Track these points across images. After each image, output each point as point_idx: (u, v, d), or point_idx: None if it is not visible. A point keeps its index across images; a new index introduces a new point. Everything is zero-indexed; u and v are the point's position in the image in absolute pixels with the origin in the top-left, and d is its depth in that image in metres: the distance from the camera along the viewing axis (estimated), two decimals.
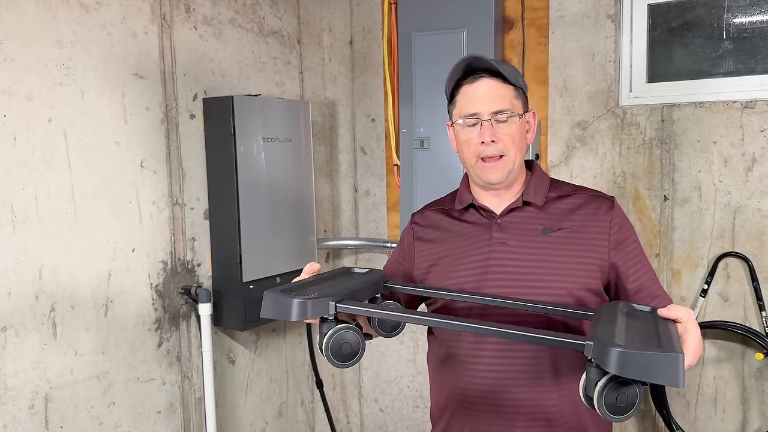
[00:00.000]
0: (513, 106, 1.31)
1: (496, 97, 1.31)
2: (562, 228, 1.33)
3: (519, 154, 1.33)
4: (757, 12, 2.10)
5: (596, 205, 1.35)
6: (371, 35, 2.82)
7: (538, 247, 1.32)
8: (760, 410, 2.17)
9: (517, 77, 1.34)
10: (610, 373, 0.91)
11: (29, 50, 1.85)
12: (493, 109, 1.30)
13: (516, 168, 1.34)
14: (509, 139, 1.31)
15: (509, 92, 1.32)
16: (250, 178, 2.32)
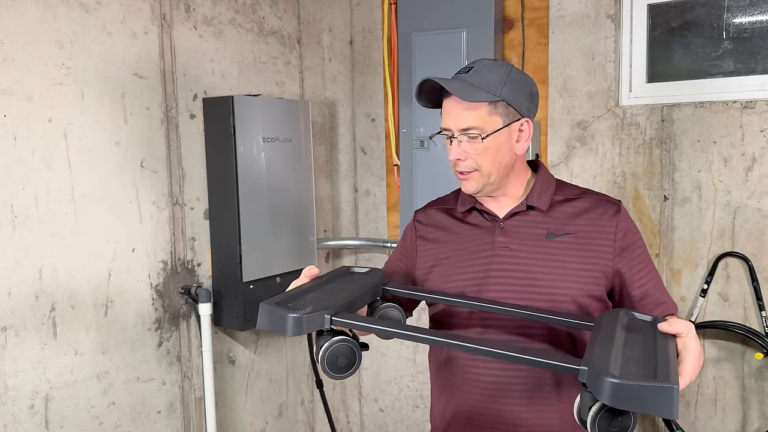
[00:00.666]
0: (483, 123, 1.27)
1: (463, 114, 1.28)
2: (567, 233, 1.32)
3: (496, 167, 1.30)
4: (756, 12, 2.10)
5: (602, 210, 1.33)
6: (371, 35, 2.82)
7: (541, 252, 1.31)
8: (759, 410, 2.17)
9: (497, 88, 1.28)
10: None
11: (29, 50, 1.85)
12: (461, 126, 1.29)
13: (496, 179, 1.32)
14: (481, 157, 1.29)
15: (482, 108, 1.27)
16: (250, 178, 2.32)
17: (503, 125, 1.29)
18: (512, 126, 1.30)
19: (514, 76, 1.31)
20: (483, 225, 1.37)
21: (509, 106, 1.29)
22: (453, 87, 1.27)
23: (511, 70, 1.32)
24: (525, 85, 1.33)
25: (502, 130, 1.29)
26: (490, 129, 1.28)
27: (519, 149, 1.33)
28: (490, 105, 1.28)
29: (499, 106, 1.28)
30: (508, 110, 1.29)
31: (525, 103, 1.32)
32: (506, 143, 1.30)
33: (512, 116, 1.30)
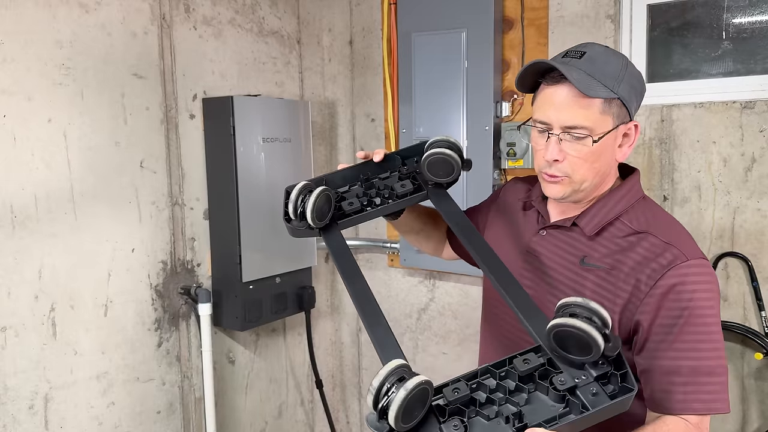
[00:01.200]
0: (594, 123, 1.11)
1: (573, 109, 1.11)
2: (603, 265, 1.16)
3: (591, 174, 1.15)
4: (756, 12, 2.10)
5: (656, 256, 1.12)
6: (371, 35, 2.82)
7: (566, 276, 1.19)
8: (759, 410, 2.17)
9: (615, 83, 1.11)
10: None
11: (29, 50, 1.85)
12: (566, 123, 1.12)
13: (588, 188, 1.17)
14: (579, 161, 1.13)
15: (595, 105, 1.10)
16: (250, 178, 2.32)
17: (613, 127, 1.13)
18: (619, 129, 1.14)
19: (632, 70, 1.14)
20: (530, 225, 1.29)
21: (623, 106, 1.13)
22: (574, 76, 1.08)
23: (628, 63, 1.15)
24: (639, 82, 1.16)
25: (611, 132, 1.13)
26: (600, 130, 1.11)
27: (621, 155, 1.17)
28: (604, 102, 1.11)
29: (614, 104, 1.12)
30: (621, 111, 1.13)
31: (635, 103, 1.16)
32: (610, 148, 1.15)
33: (623, 117, 1.14)
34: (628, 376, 0.92)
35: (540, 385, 0.95)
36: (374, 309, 1.06)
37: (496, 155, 2.42)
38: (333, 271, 3.03)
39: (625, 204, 1.19)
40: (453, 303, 2.74)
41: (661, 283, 1.10)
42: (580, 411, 0.90)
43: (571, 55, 1.14)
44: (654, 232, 1.15)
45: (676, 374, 1.09)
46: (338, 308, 3.06)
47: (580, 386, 0.92)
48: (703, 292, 1.10)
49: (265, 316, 2.44)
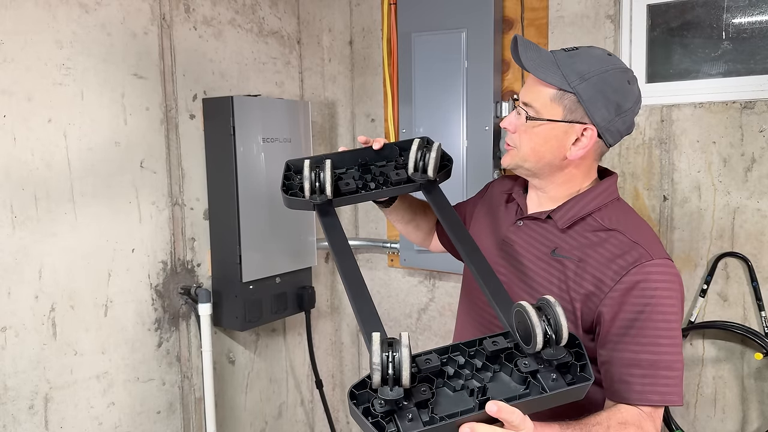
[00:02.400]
0: (542, 107, 1.19)
1: (531, 86, 1.22)
2: (572, 256, 1.21)
3: (534, 156, 1.23)
4: (756, 12, 2.10)
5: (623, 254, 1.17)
6: (371, 35, 2.82)
7: (536, 265, 1.25)
8: (759, 410, 2.17)
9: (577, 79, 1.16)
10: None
11: (29, 50, 1.85)
12: (522, 98, 1.23)
13: (532, 168, 1.25)
14: (523, 137, 1.22)
15: (547, 92, 1.19)
16: (250, 178, 2.32)
17: (561, 120, 1.19)
18: (574, 126, 1.19)
19: (608, 78, 1.17)
20: (509, 216, 1.36)
21: (579, 105, 1.18)
22: (528, 55, 1.19)
23: (608, 71, 1.17)
24: (616, 92, 1.18)
25: (558, 123, 1.19)
26: (545, 115, 1.19)
27: (571, 154, 1.21)
28: (558, 91, 1.18)
29: (567, 98, 1.18)
30: (575, 107, 1.18)
31: (603, 111, 1.18)
32: (557, 140, 1.20)
33: (578, 116, 1.18)
34: (586, 367, 0.99)
35: (505, 366, 1.02)
36: (359, 282, 1.12)
37: (496, 155, 2.42)
38: (333, 271, 3.03)
39: (598, 202, 1.25)
40: (453, 303, 2.74)
41: (626, 279, 1.15)
42: (538, 393, 0.97)
43: (566, 48, 1.23)
44: (622, 230, 1.21)
45: (635, 366, 1.14)
46: (338, 308, 3.06)
47: (542, 371, 0.99)
48: (665, 290, 1.15)
49: (265, 316, 2.44)
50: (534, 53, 1.20)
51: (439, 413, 0.94)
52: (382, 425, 0.92)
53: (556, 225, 1.26)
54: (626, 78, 1.20)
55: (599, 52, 1.21)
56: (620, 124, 1.21)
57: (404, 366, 0.90)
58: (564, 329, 0.96)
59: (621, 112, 1.19)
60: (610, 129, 1.20)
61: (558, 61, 1.19)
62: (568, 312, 1.20)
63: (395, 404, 0.93)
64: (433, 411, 0.94)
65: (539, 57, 1.20)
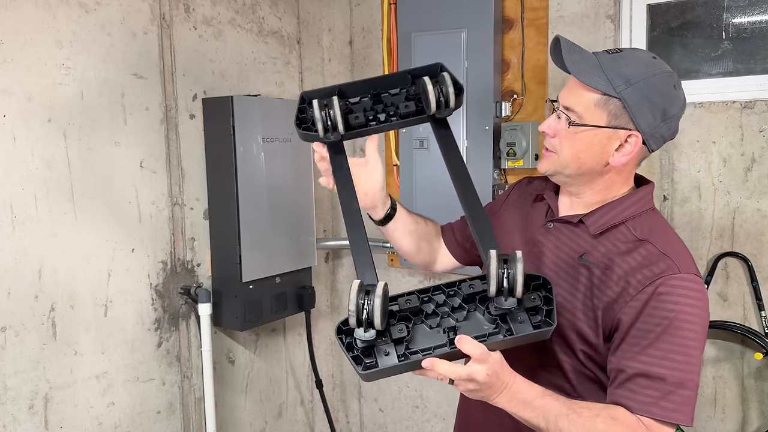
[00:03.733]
0: (585, 111, 1.16)
1: (574, 90, 1.18)
2: (600, 263, 1.18)
3: (576, 162, 1.19)
4: (756, 12, 2.10)
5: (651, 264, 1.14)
6: (371, 35, 2.82)
7: (562, 269, 1.23)
8: (759, 410, 2.17)
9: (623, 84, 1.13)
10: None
11: (29, 50, 1.85)
12: (564, 102, 1.19)
13: (572, 174, 1.22)
14: (564, 143, 1.19)
15: (591, 95, 1.15)
16: (250, 178, 2.32)
17: (605, 125, 1.15)
18: (618, 132, 1.15)
19: (654, 83, 1.14)
20: (539, 217, 1.33)
21: (624, 110, 1.14)
22: (571, 58, 1.16)
23: (655, 75, 1.14)
24: (663, 97, 1.15)
25: (602, 129, 1.15)
26: (588, 120, 1.16)
27: (614, 160, 1.18)
28: (603, 96, 1.14)
29: (612, 103, 1.14)
30: (621, 113, 1.15)
31: (649, 116, 1.15)
32: (600, 146, 1.17)
33: (623, 122, 1.15)
34: (552, 313, 1.07)
35: (479, 307, 1.11)
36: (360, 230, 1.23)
37: (495, 155, 2.42)
38: (333, 271, 3.03)
39: (633, 211, 1.22)
40: None
41: (649, 289, 1.12)
42: (505, 333, 1.07)
43: (609, 50, 1.19)
44: (653, 241, 1.17)
45: (644, 377, 1.11)
46: (338, 308, 3.06)
47: (511, 314, 1.07)
48: (688, 306, 1.11)
49: (265, 316, 2.44)
50: (577, 56, 1.17)
51: (413, 347, 1.06)
52: (360, 358, 1.06)
53: (588, 230, 1.22)
54: (672, 82, 1.17)
55: (644, 55, 1.18)
56: (665, 130, 1.18)
57: (376, 314, 1.02)
58: (519, 284, 1.03)
59: (667, 118, 1.16)
60: (654, 135, 1.17)
61: (602, 64, 1.15)
62: (589, 319, 1.19)
63: (371, 343, 1.04)
64: (408, 347, 1.06)
65: (582, 60, 1.16)
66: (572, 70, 1.15)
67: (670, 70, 1.18)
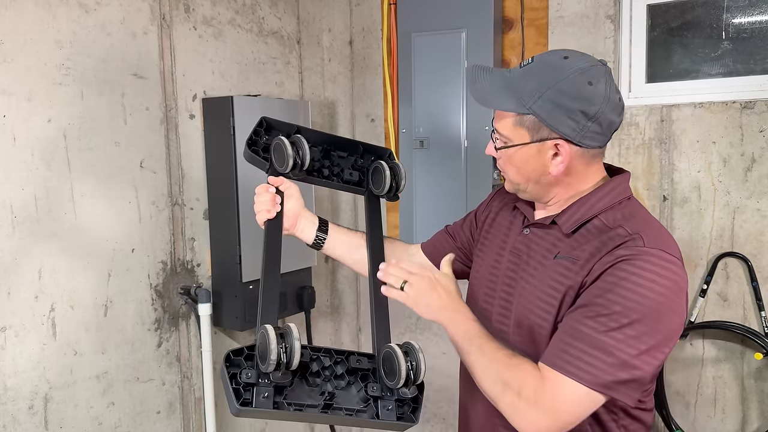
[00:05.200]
0: (510, 133, 1.19)
1: (497, 117, 1.23)
2: (569, 257, 1.18)
3: (520, 178, 1.22)
4: (756, 12, 2.10)
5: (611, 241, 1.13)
6: (371, 35, 2.82)
7: (540, 271, 1.22)
8: (759, 410, 2.17)
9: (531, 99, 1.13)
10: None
11: (29, 50, 1.85)
12: (495, 124, 1.24)
13: (528, 189, 1.24)
14: (504, 164, 1.24)
15: (509, 117, 1.19)
16: (250, 178, 2.32)
17: (530, 141, 1.17)
18: (545, 144, 1.16)
19: (562, 88, 1.12)
20: (516, 225, 1.34)
21: (540, 123, 1.14)
22: (475, 88, 1.20)
23: (563, 79, 1.12)
24: (575, 100, 1.12)
25: (528, 145, 1.18)
26: (515, 140, 1.19)
27: (553, 170, 1.18)
28: (517, 116, 1.17)
29: (527, 120, 1.16)
30: (538, 126, 1.15)
31: (569, 122, 1.13)
32: (534, 160, 1.18)
33: (545, 134, 1.15)
34: (417, 411, 1.22)
35: (358, 382, 1.20)
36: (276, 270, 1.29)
37: None
38: (333, 271, 3.03)
39: (605, 203, 1.19)
40: None
41: (607, 259, 1.10)
42: (371, 416, 1.18)
43: (524, 61, 1.20)
44: (625, 225, 1.16)
45: (569, 335, 1.08)
46: (338, 308, 3.06)
47: (383, 399, 1.19)
48: (646, 276, 1.06)
49: None
50: (483, 83, 1.20)
51: (289, 399, 1.12)
52: (240, 393, 1.09)
53: (561, 230, 1.22)
54: (586, 80, 1.12)
55: (554, 59, 1.15)
56: (596, 128, 1.14)
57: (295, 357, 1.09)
58: (421, 374, 1.17)
59: (590, 117, 1.12)
60: (585, 135, 1.14)
61: (510, 83, 1.17)
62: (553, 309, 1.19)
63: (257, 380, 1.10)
64: (285, 397, 1.12)
65: (490, 86, 1.19)
66: (478, 99, 1.20)
67: (583, 66, 1.13)
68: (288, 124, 1.44)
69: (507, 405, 1.10)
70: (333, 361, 1.19)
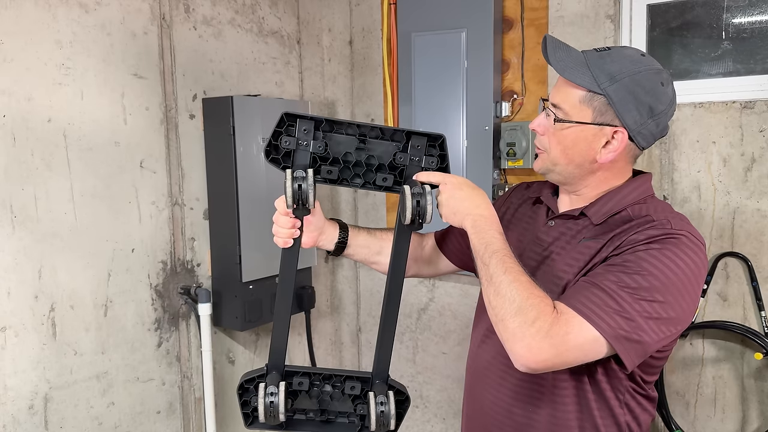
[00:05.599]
0: (571, 108, 1.17)
1: (560, 87, 1.19)
2: (595, 238, 1.20)
3: (565, 159, 1.21)
4: (756, 12, 2.10)
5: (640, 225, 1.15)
6: (371, 35, 2.82)
7: (565, 254, 1.23)
8: (759, 410, 2.17)
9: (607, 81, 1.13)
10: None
11: (29, 50, 1.85)
12: (552, 99, 1.20)
13: (563, 172, 1.23)
14: (552, 140, 1.20)
15: (576, 93, 1.16)
16: (250, 178, 2.32)
17: (590, 122, 1.16)
18: (604, 129, 1.16)
19: (640, 80, 1.14)
20: (539, 219, 1.33)
21: (609, 107, 1.15)
22: (557, 56, 1.17)
23: (641, 72, 1.15)
24: (648, 94, 1.15)
25: (587, 126, 1.16)
26: (574, 117, 1.17)
27: (601, 157, 1.18)
28: (588, 93, 1.15)
29: (597, 100, 1.15)
30: (606, 110, 1.15)
31: (634, 113, 1.15)
32: (586, 143, 1.18)
33: (608, 119, 1.15)
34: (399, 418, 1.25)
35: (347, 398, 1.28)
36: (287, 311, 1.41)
37: (495, 155, 2.42)
38: (333, 271, 3.03)
39: (633, 198, 1.22)
40: (453, 303, 2.74)
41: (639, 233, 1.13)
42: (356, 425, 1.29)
43: (599, 48, 1.19)
44: (653, 215, 1.18)
45: (591, 284, 1.10)
46: (338, 308, 3.07)
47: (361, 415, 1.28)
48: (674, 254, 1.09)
49: (265, 316, 2.44)
50: (563, 53, 1.18)
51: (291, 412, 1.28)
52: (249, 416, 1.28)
53: (590, 220, 1.23)
54: (660, 79, 1.17)
55: (632, 52, 1.18)
56: (653, 127, 1.17)
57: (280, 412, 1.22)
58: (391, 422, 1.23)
59: (654, 115, 1.16)
60: (642, 132, 1.17)
61: (588, 61, 1.16)
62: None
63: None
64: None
65: (569, 57, 1.17)
66: (556, 68, 1.16)
67: (659, 67, 1.18)
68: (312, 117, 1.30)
69: (513, 327, 1.07)
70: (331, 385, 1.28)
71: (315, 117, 1.30)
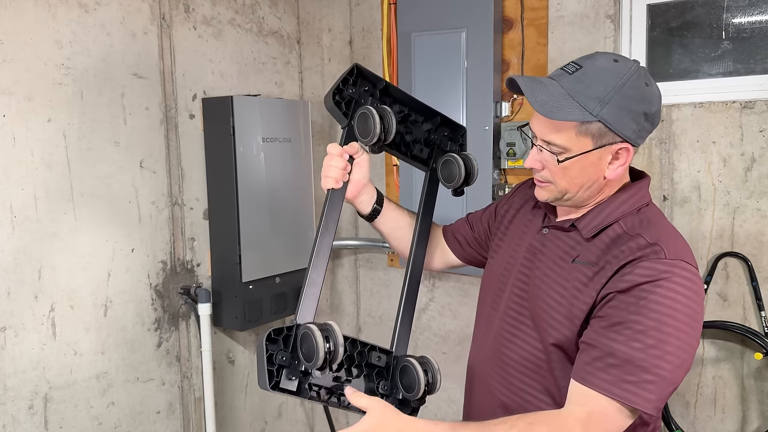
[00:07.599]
0: (568, 143, 1.12)
1: (548, 127, 1.13)
2: (591, 263, 1.17)
3: (573, 187, 1.17)
4: (756, 12, 2.10)
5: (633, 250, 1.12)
6: (371, 35, 2.82)
7: (556, 273, 1.21)
8: (759, 410, 2.17)
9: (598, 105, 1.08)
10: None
11: (28, 50, 1.85)
12: (543, 137, 1.15)
13: (573, 197, 1.19)
14: (557, 175, 1.16)
15: (570, 126, 1.11)
16: (250, 178, 2.32)
17: (593, 148, 1.12)
18: (605, 149, 1.13)
19: (628, 91, 1.10)
20: (536, 223, 1.33)
21: (606, 128, 1.10)
22: (537, 99, 1.10)
23: (627, 81, 1.10)
24: (640, 102, 1.11)
25: (590, 152, 1.12)
26: (576, 150, 1.12)
27: (609, 174, 1.15)
28: (581, 125, 1.10)
29: (593, 126, 1.10)
30: (604, 132, 1.11)
31: (632, 124, 1.11)
32: (593, 166, 1.14)
33: (608, 139, 1.12)
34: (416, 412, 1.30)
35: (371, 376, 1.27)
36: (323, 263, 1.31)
37: (495, 155, 2.42)
38: (333, 270, 3.03)
39: (625, 209, 1.19)
40: (452, 303, 2.74)
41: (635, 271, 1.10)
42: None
43: (567, 68, 1.13)
44: (644, 234, 1.15)
45: (610, 356, 1.08)
46: (338, 308, 3.06)
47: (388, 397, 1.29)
48: (671, 291, 1.07)
49: (265, 316, 2.44)
50: (543, 94, 1.10)
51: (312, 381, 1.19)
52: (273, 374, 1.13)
53: (581, 234, 1.21)
54: (643, 81, 1.12)
55: (605, 63, 1.12)
56: (649, 127, 1.15)
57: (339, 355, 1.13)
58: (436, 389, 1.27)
59: (648, 117, 1.13)
60: (641, 135, 1.15)
61: (569, 91, 1.10)
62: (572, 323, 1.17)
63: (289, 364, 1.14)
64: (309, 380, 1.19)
65: (549, 96, 1.10)
66: (542, 112, 1.10)
67: (635, 67, 1.12)
68: (377, 77, 1.35)
69: None
70: (356, 352, 1.22)
71: (380, 78, 1.37)
